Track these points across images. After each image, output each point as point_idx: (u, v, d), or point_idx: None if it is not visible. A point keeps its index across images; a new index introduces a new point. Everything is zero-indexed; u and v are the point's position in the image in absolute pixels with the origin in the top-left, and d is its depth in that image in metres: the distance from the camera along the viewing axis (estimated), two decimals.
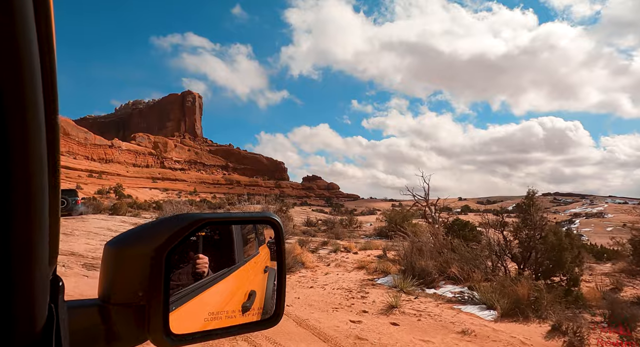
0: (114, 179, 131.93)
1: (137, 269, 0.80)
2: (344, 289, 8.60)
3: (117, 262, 0.81)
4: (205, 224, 0.93)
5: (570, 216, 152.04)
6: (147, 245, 0.81)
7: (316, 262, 12.54)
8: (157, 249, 0.80)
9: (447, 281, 8.77)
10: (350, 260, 13.39)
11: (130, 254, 0.82)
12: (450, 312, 6.46)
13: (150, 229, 0.86)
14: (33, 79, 0.48)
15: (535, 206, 8.48)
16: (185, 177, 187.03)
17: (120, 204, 32.70)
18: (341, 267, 11.79)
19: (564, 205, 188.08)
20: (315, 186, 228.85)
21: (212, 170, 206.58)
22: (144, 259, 0.79)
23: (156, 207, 48.55)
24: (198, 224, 0.89)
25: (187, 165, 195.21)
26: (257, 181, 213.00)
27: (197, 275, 1.08)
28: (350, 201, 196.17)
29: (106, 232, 16.53)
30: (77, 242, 13.87)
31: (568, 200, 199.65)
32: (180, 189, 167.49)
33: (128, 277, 0.80)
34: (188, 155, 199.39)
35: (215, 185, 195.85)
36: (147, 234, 0.85)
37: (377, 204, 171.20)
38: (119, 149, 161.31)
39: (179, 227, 0.84)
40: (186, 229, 0.86)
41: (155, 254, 0.80)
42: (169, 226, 0.85)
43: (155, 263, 0.79)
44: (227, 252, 1.37)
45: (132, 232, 0.86)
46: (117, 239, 0.84)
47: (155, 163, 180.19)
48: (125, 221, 20.91)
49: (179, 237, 0.84)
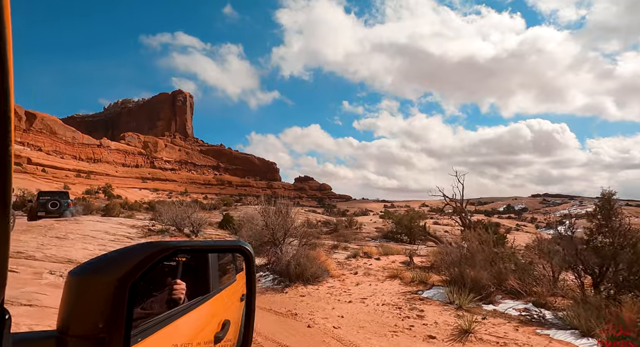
0: (103, 179, 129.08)
1: (99, 299, 0.75)
2: (390, 304, 7.54)
3: (79, 292, 0.76)
4: (175, 252, 0.89)
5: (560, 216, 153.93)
6: (111, 274, 0.77)
7: (339, 269, 11.48)
8: (122, 278, 0.76)
9: (503, 295, 7.77)
10: (374, 267, 12.33)
11: (93, 283, 0.77)
12: (538, 340, 5.44)
13: (115, 257, 0.82)
14: None
15: (614, 209, 7.50)
16: (176, 177, 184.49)
17: (113, 205, 31.21)
18: (371, 275, 10.72)
19: (553, 206, 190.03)
20: (307, 186, 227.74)
21: (203, 171, 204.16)
22: (106, 289, 0.75)
23: (149, 207, 47.02)
24: (166, 252, 0.85)
25: (178, 165, 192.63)
26: (249, 181, 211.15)
27: (172, 302, 1.06)
28: (343, 201, 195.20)
29: (104, 236, 15.23)
30: (74, 247, 12.60)
31: (557, 201, 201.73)
32: (170, 189, 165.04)
33: (89, 307, 0.75)
34: (179, 155, 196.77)
35: (207, 185, 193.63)
36: (112, 263, 0.80)
37: (369, 205, 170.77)
38: (107, 149, 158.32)
39: (145, 256, 0.81)
40: (152, 258, 0.82)
41: (118, 283, 0.76)
42: (136, 254, 0.82)
43: (118, 293, 0.75)
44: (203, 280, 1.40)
45: (97, 260, 0.81)
46: (81, 267, 0.79)
47: (145, 163, 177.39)
48: (122, 222, 19.58)
49: (145, 266, 0.80)
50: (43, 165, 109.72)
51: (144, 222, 21.33)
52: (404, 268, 11.83)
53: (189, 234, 16.45)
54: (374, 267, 12.37)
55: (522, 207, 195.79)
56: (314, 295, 8.72)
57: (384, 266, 12.49)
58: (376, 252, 14.86)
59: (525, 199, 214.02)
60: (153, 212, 36.37)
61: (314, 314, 7.10)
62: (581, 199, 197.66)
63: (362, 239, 26.97)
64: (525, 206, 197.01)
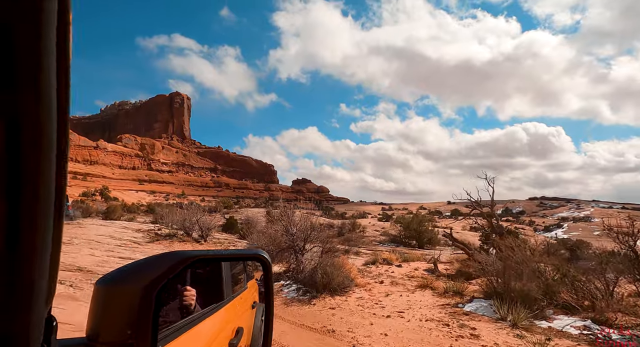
0: (99, 181, 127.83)
1: (126, 307, 0.79)
2: (434, 320, 6.92)
3: (106, 301, 0.80)
4: (195, 261, 0.93)
5: (558, 219, 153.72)
6: (136, 283, 0.80)
7: (361, 276, 10.87)
8: (146, 287, 0.79)
9: (554, 310, 7.17)
10: (397, 275, 11.73)
11: (119, 293, 0.81)
12: None
13: (139, 267, 0.85)
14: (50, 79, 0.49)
15: None
16: (173, 179, 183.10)
17: (114, 208, 30.39)
18: (399, 285, 10.10)
19: (550, 209, 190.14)
20: (304, 189, 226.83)
21: (201, 173, 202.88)
22: (132, 298, 0.79)
23: (148, 210, 46.22)
24: (187, 261, 0.89)
25: (175, 167, 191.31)
26: (246, 183, 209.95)
27: (184, 308, 1.10)
28: (340, 204, 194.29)
29: (109, 241, 14.54)
30: (80, 253, 11.93)
31: (554, 204, 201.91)
32: (167, 191, 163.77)
33: (117, 315, 0.79)
34: (176, 157, 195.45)
35: (204, 187, 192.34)
36: (137, 272, 0.84)
37: (367, 207, 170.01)
38: (104, 151, 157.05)
39: (167, 266, 0.84)
40: (176, 267, 0.86)
41: (144, 292, 0.79)
42: (158, 264, 0.85)
43: (144, 302, 0.79)
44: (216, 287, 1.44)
45: (121, 270, 0.85)
46: (106, 277, 0.83)
47: (142, 165, 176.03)
48: (126, 226, 18.87)
49: (169, 275, 0.83)
50: None
51: (148, 225, 20.61)
52: (431, 276, 11.24)
53: (198, 238, 15.77)
54: (397, 275, 11.77)
55: (520, 210, 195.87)
56: (345, 307, 8.09)
57: (407, 274, 11.89)
58: (395, 259, 14.25)
59: (523, 202, 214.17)
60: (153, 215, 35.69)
61: (353, 331, 6.48)
62: (578, 202, 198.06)
63: (369, 243, 26.36)
64: (523, 209, 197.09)
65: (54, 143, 0.53)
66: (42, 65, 0.46)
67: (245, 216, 40.31)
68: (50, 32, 0.46)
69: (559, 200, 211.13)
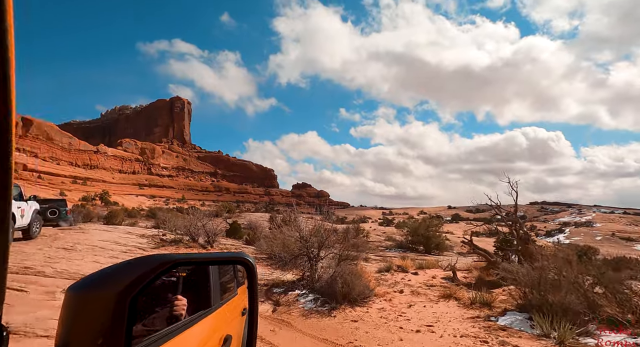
0: (99, 186, 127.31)
1: (98, 314, 0.74)
2: (469, 336, 6.38)
3: (78, 308, 0.75)
4: (174, 265, 0.88)
5: (559, 224, 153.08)
6: (109, 289, 0.76)
7: (377, 285, 10.35)
8: (121, 293, 0.75)
9: (599, 325, 6.66)
10: (415, 283, 11.20)
11: (92, 299, 0.76)
12: None
13: (114, 272, 0.81)
14: None
15: None
16: (173, 183, 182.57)
17: (115, 212, 29.89)
18: (420, 295, 9.57)
19: (551, 214, 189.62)
20: (305, 193, 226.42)
21: (201, 177, 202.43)
22: (105, 304, 0.74)
23: (150, 215, 45.75)
24: (166, 265, 0.85)
25: (175, 171, 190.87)
26: (247, 188, 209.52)
27: (173, 318, 1.07)
28: (340, 208, 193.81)
29: (114, 247, 14.02)
30: (84, 260, 11.41)
31: (555, 209, 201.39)
32: (167, 196, 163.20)
33: (88, 323, 0.74)
34: (176, 161, 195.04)
35: (204, 192, 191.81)
36: (111, 277, 0.80)
37: (367, 212, 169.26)
38: (104, 155, 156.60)
39: (144, 270, 0.80)
40: (152, 272, 0.82)
41: (118, 298, 0.75)
42: (135, 268, 0.81)
43: (118, 308, 0.74)
44: (204, 294, 1.42)
45: (96, 274, 0.81)
46: (80, 282, 0.79)
47: (142, 169, 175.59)
48: (130, 231, 18.33)
49: (145, 280, 0.79)
50: (39, 171, 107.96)
51: (151, 231, 20.08)
52: (451, 285, 10.72)
53: (204, 244, 15.26)
54: (415, 283, 11.25)
55: (521, 214, 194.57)
56: (367, 320, 7.57)
57: (425, 282, 11.36)
58: (411, 266, 13.72)
59: (524, 206, 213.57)
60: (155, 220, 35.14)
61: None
62: (579, 207, 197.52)
63: (375, 249, 25.79)
64: (524, 214, 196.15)
65: None
66: None
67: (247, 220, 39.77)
68: None
69: (560, 205, 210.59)
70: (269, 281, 10.47)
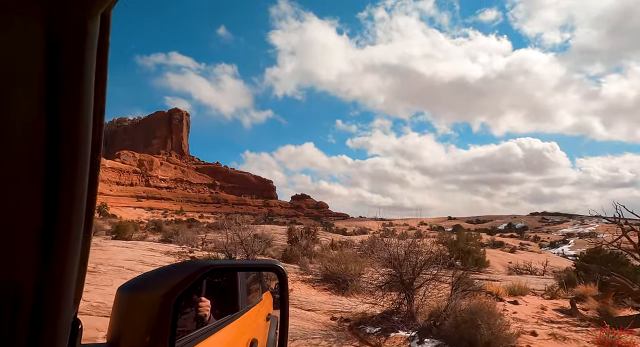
0: (97, 198, 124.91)
1: (146, 314, 0.81)
2: None
3: (127, 307, 0.83)
4: (213, 270, 0.95)
5: (563, 235, 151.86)
6: (156, 291, 0.83)
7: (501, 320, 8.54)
8: (166, 295, 0.82)
9: None
10: (528, 317, 9.30)
11: (140, 300, 0.83)
12: None
13: (159, 275, 0.89)
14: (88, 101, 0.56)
15: None
16: (171, 195, 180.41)
17: (125, 226, 28.03)
18: (569, 340, 7.54)
19: (553, 224, 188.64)
20: (304, 204, 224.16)
21: (199, 189, 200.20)
22: (152, 305, 0.81)
23: (155, 228, 43.97)
24: (205, 270, 0.92)
25: (173, 183, 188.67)
26: (245, 199, 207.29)
27: (199, 318, 1.13)
28: (340, 219, 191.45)
29: (142, 267, 12.23)
30: (114, 285, 9.65)
31: (556, 219, 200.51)
32: (166, 208, 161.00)
33: (137, 322, 0.82)
34: (174, 173, 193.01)
35: (202, 204, 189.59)
36: (156, 280, 0.87)
37: (367, 223, 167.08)
38: (102, 167, 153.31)
39: (187, 274, 0.87)
40: (194, 276, 0.88)
41: (163, 300, 0.81)
42: (178, 272, 0.88)
43: (163, 309, 0.81)
44: (231, 298, 1.47)
45: (143, 277, 0.89)
46: (129, 284, 0.86)
47: (140, 181, 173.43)
48: (153, 248, 16.55)
49: (187, 284, 0.86)
50: None
51: (173, 246, 18.24)
52: (579, 321, 8.85)
53: None
54: (528, 317, 9.45)
55: (522, 225, 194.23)
56: None
57: (541, 317, 9.55)
58: (504, 293, 11.86)
59: (524, 217, 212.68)
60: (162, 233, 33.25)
61: None
62: (581, 217, 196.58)
63: None
64: (525, 224, 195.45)
65: (89, 149, 0.58)
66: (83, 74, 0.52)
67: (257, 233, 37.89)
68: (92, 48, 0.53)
69: (561, 215, 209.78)
70: (346, 312, 8.68)
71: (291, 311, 9.22)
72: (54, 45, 0.49)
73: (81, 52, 0.52)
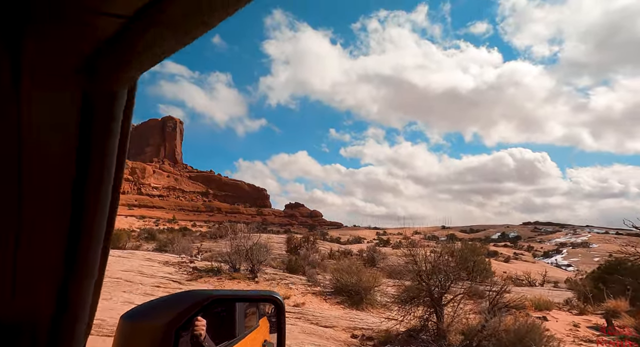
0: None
1: (148, 343, 0.82)
2: None
3: (130, 335, 0.84)
4: (214, 301, 0.97)
5: (556, 245, 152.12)
6: (158, 320, 0.84)
7: None
8: (168, 324, 0.83)
9: None
10: (564, 335, 8.79)
11: (143, 328, 0.84)
12: None
13: (162, 304, 0.90)
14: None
15: None
16: (164, 204, 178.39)
17: (119, 235, 27.14)
18: None
19: (545, 234, 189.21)
20: (298, 213, 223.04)
21: (192, 197, 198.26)
22: (155, 334, 0.82)
23: (149, 236, 43.12)
24: (206, 301, 0.94)
25: (166, 191, 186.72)
26: (239, 208, 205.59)
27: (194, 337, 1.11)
28: (334, 228, 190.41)
29: (141, 279, 11.55)
30: (113, 301, 9.04)
31: (549, 229, 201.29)
32: (157, 216, 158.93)
33: None
34: (167, 181, 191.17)
35: (195, 212, 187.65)
36: (159, 310, 0.88)
37: (361, 232, 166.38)
38: None
39: (188, 304, 0.88)
40: (195, 307, 0.90)
41: (165, 329, 0.83)
42: (180, 302, 0.89)
43: (165, 338, 0.82)
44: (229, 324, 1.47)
45: (145, 306, 0.90)
46: (131, 312, 0.88)
47: (132, 189, 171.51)
48: (151, 258, 15.80)
49: (189, 314, 0.87)
50: None
51: (172, 255, 17.48)
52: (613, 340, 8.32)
53: (248, 274, 12.78)
54: (563, 335, 8.85)
55: (516, 235, 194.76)
56: None
57: (577, 335, 8.97)
58: (530, 307, 11.29)
59: (517, 226, 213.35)
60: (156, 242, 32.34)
61: None
62: (574, 227, 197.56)
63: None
64: (518, 234, 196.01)
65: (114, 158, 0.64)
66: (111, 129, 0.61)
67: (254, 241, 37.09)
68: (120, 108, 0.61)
69: (553, 225, 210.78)
70: (366, 329, 8.06)
71: (308, 327, 8.59)
72: (88, 106, 0.57)
73: (110, 112, 0.59)
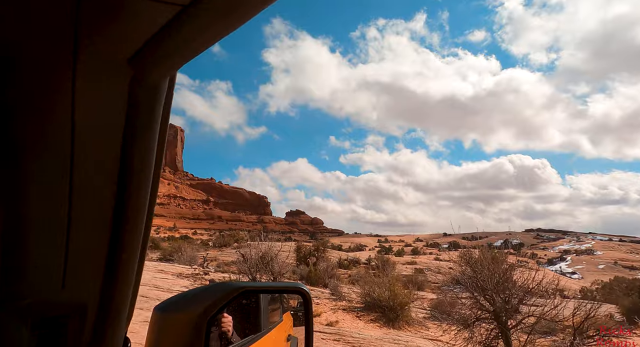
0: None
1: (180, 334, 0.85)
2: None
3: (163, 327, 0.87)
4: (243, 292, 0.99)
5: (560, 252, 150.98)
6: (190, 311, 0.86)
7: None
8: (199, 316, 0.86)
9: None
10: None
11: (175, 320, 0.87)
12: None
13: (193, 296, 0.93)
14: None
15: None
16: (164, 212, 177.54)
17: None
18: None
19: (548, 241, 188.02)
20: (299, 220, 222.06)
21: (193, 205, 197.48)
22: (187, 325, 0.85)
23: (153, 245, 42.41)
24: (236, 292, 0.96)
25: (167, 199, 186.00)
26: (240, 215, 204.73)
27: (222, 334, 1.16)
28: (335, 236, 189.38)
29: (157, 293, 10.91)
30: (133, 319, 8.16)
31: (551, 236, 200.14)
32: (158, 224, 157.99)
33: (172, 341, 0.86)
34: (168, 189, 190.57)
35: (196, 220, 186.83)
36: (191, 301, 0.91)
37: (362, 240, 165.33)
38: None
39: (218, 295, 0.91)
40: (226, 298, 0.92)
41: (197, 320, 0.85)
42: (210, 293, 0.92)
43: (197, 329, 0.85)
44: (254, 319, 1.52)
45: (177, 298, 0.94)
46: (164, 304, 0.90)
47: None
48: (163, 269, 15.17)
49: (219, 305, 0.90)
50: None
51: (180, 266, 16.76)
52: None
53: None
54: None
55: (518, 242, 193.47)
56: None
57: None
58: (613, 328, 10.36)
59: (520, 233, 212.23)
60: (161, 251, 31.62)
61: None
62: (577, 234, 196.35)
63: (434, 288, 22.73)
64: (521, 241, 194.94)
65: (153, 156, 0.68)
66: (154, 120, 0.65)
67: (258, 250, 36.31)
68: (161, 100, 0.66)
69: (556, 232, 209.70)
70: None
71: None
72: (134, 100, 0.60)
73: (152, 104, 0.63)
